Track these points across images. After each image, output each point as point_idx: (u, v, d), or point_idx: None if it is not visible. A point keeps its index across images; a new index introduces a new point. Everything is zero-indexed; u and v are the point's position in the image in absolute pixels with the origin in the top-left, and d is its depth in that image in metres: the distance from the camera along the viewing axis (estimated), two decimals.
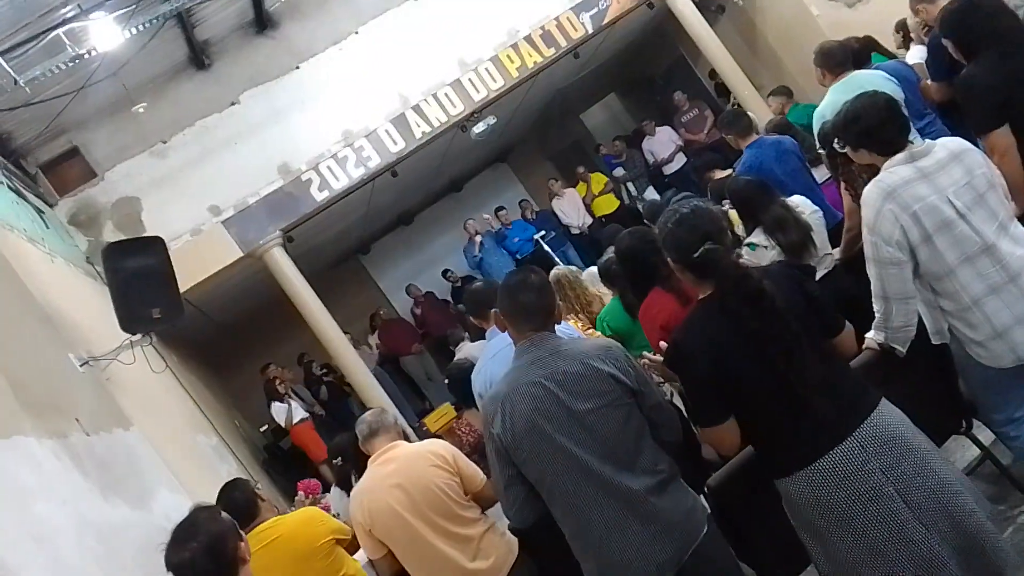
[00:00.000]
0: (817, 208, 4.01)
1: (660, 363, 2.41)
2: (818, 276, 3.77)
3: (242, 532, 2.48)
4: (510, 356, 2.43)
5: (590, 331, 4.22)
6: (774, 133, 5.40)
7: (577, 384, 2.24)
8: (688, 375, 2.31)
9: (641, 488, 2.22)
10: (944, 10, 3.24)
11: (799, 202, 3.95)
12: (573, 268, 6.12)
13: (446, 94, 8.20)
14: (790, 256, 3.74)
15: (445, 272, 11.29)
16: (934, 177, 2.43)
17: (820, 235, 3.83)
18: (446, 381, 4.47)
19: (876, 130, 2.54)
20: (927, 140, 2.57)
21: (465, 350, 5.14)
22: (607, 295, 5.11)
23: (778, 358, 2.11)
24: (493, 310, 2.54)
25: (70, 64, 5.58)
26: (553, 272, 4.88)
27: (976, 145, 2.74)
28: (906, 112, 3.06)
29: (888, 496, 2.08)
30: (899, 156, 2.49)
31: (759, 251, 3.83)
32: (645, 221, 5.92)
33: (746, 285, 2.14)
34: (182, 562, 2.27)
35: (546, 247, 9.56)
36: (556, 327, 2.45)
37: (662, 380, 3.68)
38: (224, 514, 2.47)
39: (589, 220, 10.84)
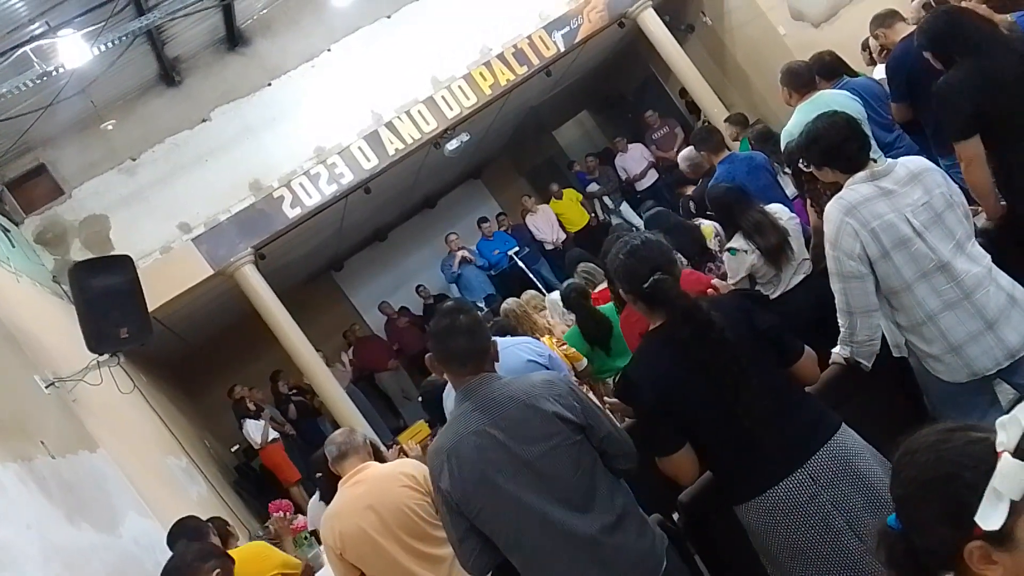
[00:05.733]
0: (794, 215, 4.10)
1: (614, 400, 2.40)
2: (797, 280, 3.83)
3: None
4: None
5: (564, 347, 4.25)
6: (759, 140, 5.51)
7: (522, 429, 2.15)
8: (638, 406, 2.31)
9: (598, 530, 2.16)
10: (922, 22, 3.31)
11: (776, 209, 4.04)
12: (532, 293, 6.15)
13: (419, 111, 8.21)
14: (769, 259, 3.80)
15: (418, 288, 11.26)
16: (893, 196, 2.49)
17: (797, 240, 3.90)
18: (420, 399, 4.47)
19: (837, 149, 2.60)
20: (888, 159, 2.63)
21: None
22: (557, 326, 5.18)
23: (726, 391, 2.10)
24: (428, 355, 2.45)
25: (38, 81, 5.51)
26: (504, 305, 4.94)
27: (937, 163, 2.81)
28: (868, 130, 3.14)
29: (839, 529, 2.08)
30: (861, 174, 2.54)
31: (740, 256, 3.89)
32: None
33: (695, 316, 2.14)
34: None
35: (520, 263, 9.59)
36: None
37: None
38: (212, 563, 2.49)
39: (563, 236, 10.90)
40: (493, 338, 2.37)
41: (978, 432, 1.14)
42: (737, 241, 3.93)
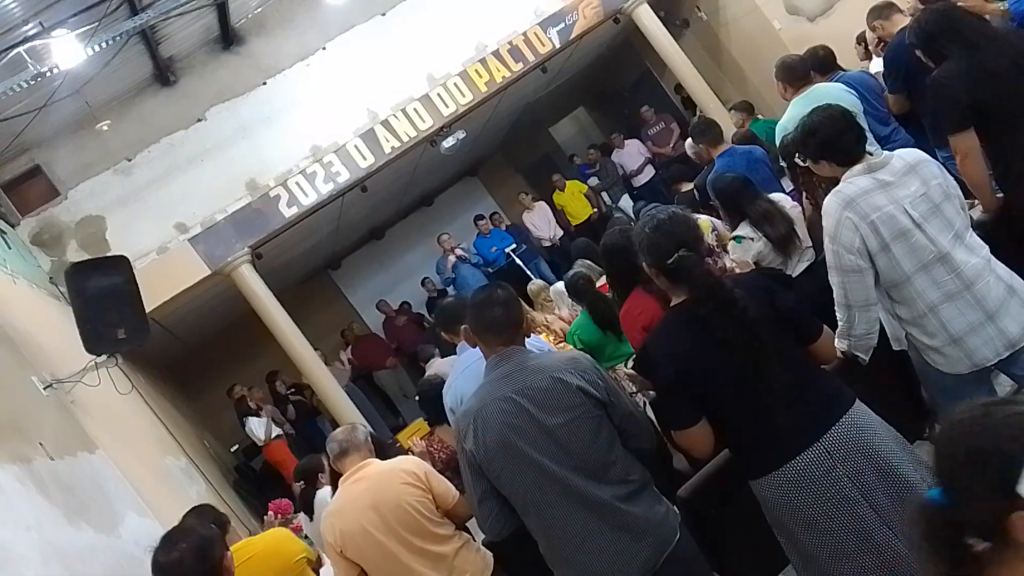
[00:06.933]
0: (796, 204, 4.11)
1: (632, 372, 2.43)
2: (802, 268, 3.85)
3: (227, 545, 2.50)
4: (480, 371, 2.44)
5: (561, 344, 4.25)
6: (740, 145, 5.48)
7: (547, 398, 2.25)
8: (657, 380, 2.33)
9: (613, 497, 2.24)
10: (914, 20, 3.31)
11: (779, 198, 4.07)
12: (541, 284, 6.16)
13: (415, 109, 8.21)
14: (777, 248, 3.81)
15: (424, 280, 11.21)
16: (891, 188, 2.49)
17: (801, 228, 3.94)
18: (416, 398, 4.46)
19: (834, 141, 2.59)
20: (885, 152, 2.63)
21: (435, 366, 5.13)
22: (555, 322, 5.16)
23: (746, 367, 2.13)
24: (463, 326, 2.55)
25: (32, 82, 5.49)
26: None
27: (934, 155, 2.81)
28: (864, 123, 3.14)
29: (854, 501, 2.11)
30: (858, 167, 2.54)
31: (746, 243, 3.90)
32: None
33: (718, 293, 2.17)
34: (170, 562, 2.31)
35: (518, 260, 9.59)
36: (527, 341, 2.47)
37: (635, 390, 3.72)
38: (213, 524, 2.48)
39: (560, 233, 10.89)
40: (527, 315, 2.43)
41: (1019, 405, 1.19)
42: (743, 229, 3.95)
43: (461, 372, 3.08)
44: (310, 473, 4.58)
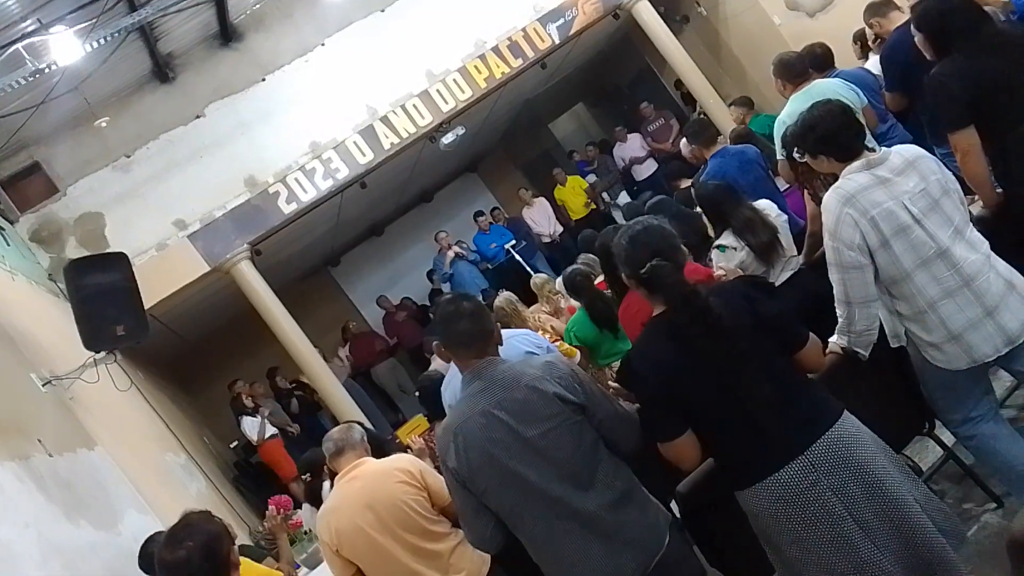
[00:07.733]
0: (782, 212, 4.09)
1: (615, 384, 2.39)
2: (785, 277, 3.83)
3: (234, 539, 2.46)
4: None
5: (557, 342, 4.24)
6: (737, 143, 5.47)
7: (524, 409, 2.21)
8: (640, 393, 2.31)
9: (599, 506, 2.21)
10: (923, 3, 3.28)
11: (764, 206, 4.04)
12: (544, 278, 6.15)
13: (414, 105, 8.20)
14: (759, 257, 3.80)
15: (430, 272, 11.14)
16: (891, 184, 2.48)
17: (785, 237, 3.91)
18: (416, 394, 4.47)
19: (833, 136, 2.59)
20: (883, 148, 2.63)
21: (440, 360, 5.14)
22: (547, 321, 5.15)
23: (728, 377, 2.11)
24: (435, 342, 2.52)
25: (30, 78, 5.48)
26: (495, 302, 4.93)
27: (932, 152, 2.80)
28: (862, 119, 3.13)
29: (839, 516, 2.09)
30: (857, 163, 2.54)
31: (728, 252, 3.88)
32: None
33: (693, 302, 2.15)
34: (177, 560, 2.24)
35: (517, 256, 9.58)
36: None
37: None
38: (217, 517, 2.44)
39: (560, 229, 10.88)
40: (496, 323, 2.40)
41: None
42: (727, 238, 3.92)
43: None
44: (315, 465, 4.59)
